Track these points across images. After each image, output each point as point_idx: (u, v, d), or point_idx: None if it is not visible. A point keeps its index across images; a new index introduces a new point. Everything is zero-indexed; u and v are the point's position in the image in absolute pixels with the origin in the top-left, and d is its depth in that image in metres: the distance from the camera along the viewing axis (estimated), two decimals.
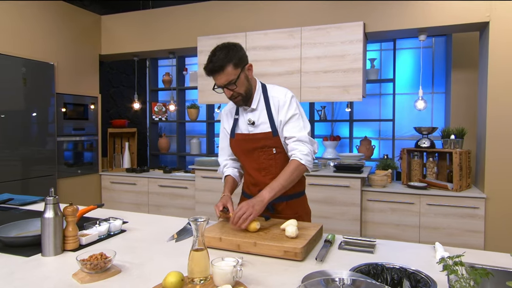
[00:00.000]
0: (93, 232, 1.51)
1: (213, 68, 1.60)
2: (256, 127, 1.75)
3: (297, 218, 1.76)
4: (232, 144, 1.83)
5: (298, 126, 1.71)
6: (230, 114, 1.87)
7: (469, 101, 3.81)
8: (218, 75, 1.61)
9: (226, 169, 1.89)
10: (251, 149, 1.76)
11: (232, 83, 1.62)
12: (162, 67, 5.60)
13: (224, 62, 1.58)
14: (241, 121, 1.80)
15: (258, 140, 1.74)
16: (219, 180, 3.82)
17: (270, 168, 1.76)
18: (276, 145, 1.74)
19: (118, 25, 4.49)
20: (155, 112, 5.21)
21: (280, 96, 1.73)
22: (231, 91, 1.65)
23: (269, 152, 1.74)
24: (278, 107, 1.72)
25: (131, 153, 4.77)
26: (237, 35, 3.80)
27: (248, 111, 1.77)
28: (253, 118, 1.75)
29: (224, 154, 1.93)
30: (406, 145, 4.24)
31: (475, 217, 3.04)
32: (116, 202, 4.35)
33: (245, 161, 1.81)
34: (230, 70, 1.60)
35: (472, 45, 3.78)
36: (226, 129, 1.87)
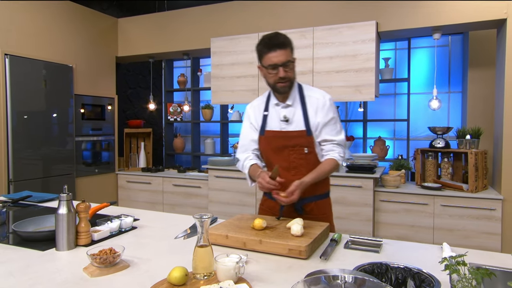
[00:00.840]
0: (104, 228, 1.56)
1: (279, 42, 1.59)
2: (289, 125, 1.73)
3: (325, 218, 1.78)
4: (262, 141, 1.79)
5: (336, 129, 1.73)
6: (258, 110, 1.82)
7: (486, 100, 3.73)
8: (280, 51, 1.59)
9: (250, 160, 1.82)
10: (281, 147, 1.73)
11: (291, 62, 1.63)
12: (177, 68, 5.69)
13: (287, 42, 1.62)
14: (272, 117, 1.77)
15: (291, 138, 1.71)
16: (232, 180, 3.86)
17: (300, 167, 1.72)
18: (308, 144, 1.71)
19: (134, 28, 4.59)
20: (171, 112, 5.29)
21: (319, 96, 1.74)
22: (285, 72, 1.63)
23: (300, 151, 1.71)
24: (316, 108, 1.71)
25: (147, 153, 4.87)
26: (249, 36, 3.83)
27: (283, 106, 1.74)
28: (288, 115, 1.73)
29: (245, 150, 1.86)
30: (421, 145, 4.18)
31: (492, 218, 2.97)
32: (132, 201, 4.45)
33: (274, 158, 1.76)
34: (289, 53, 1.63)
35: (489, 43, 3.69)
36: (253, 124, 1.83)
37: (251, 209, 3.79)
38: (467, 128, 3.28)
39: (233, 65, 3.94)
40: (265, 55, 1.63)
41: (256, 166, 1.78)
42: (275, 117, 1.77)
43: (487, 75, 3.73)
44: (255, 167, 1.78)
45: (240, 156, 1.87)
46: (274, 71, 1.63)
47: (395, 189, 3.30)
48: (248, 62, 3.86)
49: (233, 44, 3.92)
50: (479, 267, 1.15)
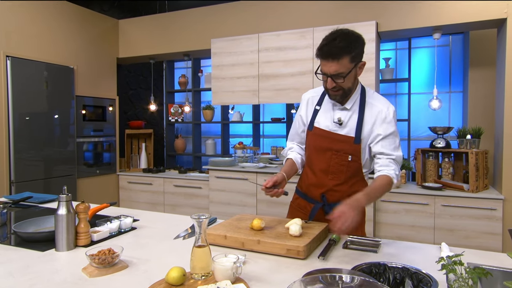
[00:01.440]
0: (104, 229, 1.57)
1: (330, 52, 1.45)
2: (341, 128, 1.63)
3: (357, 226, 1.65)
4: (308, 137, 1.72)
5: (395, 144, 1.60)
6: (312, 102, 1.74)
7: (487, 100, 3.72)
8: (331, 62, 1.47)
9: (291, 152, 1.79)
10: (325, 148, 1.65)
11: (341, 76, 1.49)
12: (178, 69, 5.70)
13: (344, 52, 1.44)
14: (324, 115, 1.67)
15: (337, 142, 1.62)
16: (233, 180, 3.87)
17: (339, 174, 1.63)
18: (353, 152, 1.61)
19: (135, 29, 4.61)
20: (171, 113, 5.31)
21: (383, 107, 1.60)
22: (334, 83, 1.51)
23: (343, 158, 1.62)
24: (376, 118, 1.59)
25: (148, 153, 4.88)
26: (250, 37, 3.83)
27: (339, 108, 1.64)
28: (343, 118, 1.62)
29: (292, 139, 1.83)
30: (422, 145, 4.17)
31: (493, 218, 2.96)
32: (133, 202, 4.46)
33: (315, 158, 1.69)
34: (346, 62, 1.46)
35: (489, 42, 3.69)
36: (303, 116, 1.76)
37: (251, 209, 3.80)
38: (468, 128, 3.28)
39: (233, 66, 3.94)
40: (319, 59, 1.53)
41: (290, 161, 1.76)
42: (328, 116, 1.66)
43: (487, 74, 3.72)
44: (288, 163, 1.76)
45: (288, 143, 1.87)
46: (325, 78, 1.54)
47: (395, 189, 3.30)
48: (249, 63, 3.86)
49: (233, 45, 3.93)
50: (476, 266, 1.15)
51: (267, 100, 3.80)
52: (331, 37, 1.47)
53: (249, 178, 3.72)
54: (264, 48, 3.77)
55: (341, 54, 1.44)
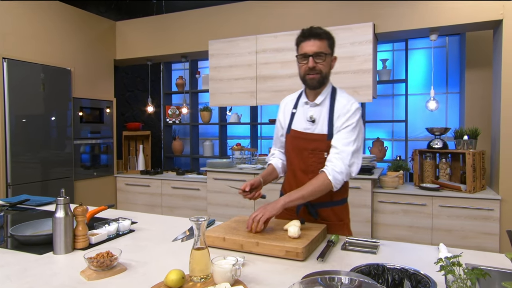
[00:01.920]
0: (102, 231, 1.56)
1: (312, 33, 1.58)
2: (314, 126, 1.69)
3: (343, 226, 1.76)
4: (287, 140, 1.79)
5: (348, 139, 1.60)
6: (289, 107, 1.81)
7: (483, 100, 3.74)
8: (313, 41, 1.58)
9: (272, 158, 1.86)
10: (302, 149, 1.71)
11: (322, 55, 1.59)
12: (176, 70, 5.70)
13: (323, 34, 1.60)
14: (299, 116, 1.74)
15: (312, 141, 1.68)
16: (230, 182, 3.86)
17: (318, 172, 1.65)
18: (328, 149, 1.65)
19: (132, 31, 4.60)
20: (169, 115, 5.30)
21: (346, 102, 1.66)
22: (315, 64, 1.59)
23: (319, 156, 1.67)
24: (339, 113, 1.64)
25: (145, 155, 4.87)
26: (247, 38, 3.84)
27: (311, 105, 1.71)
28: (314, 115, 1.69)
29: (274, 144, 1.92)
30: (419, 146, 4.19)
31: (490, 219, 2.98)
32: (131, 204, 4.45)
33: (294, 159, 1.75)
34: (324, 45, 1.59)
35: (486, 43, 3.71)
36: (281, 121, 1.83)
37: (249, 211, 3.79)
38: (465, 129, 3.29)
39: (231, 68, 3.95)
40: (299, 45, 1.63)
41: (270, 167, 1.85)
42: (302, 117, 1.73)
43: (484, 75, 3.74)
44: (268, 168, 1.85)
45: (271, 150, 1.96)
46: (304, 61, 1.61)
47: (393, 190, 3.31)
48: (247, 64, 3.87)
49: (231, 46, 3.93)
50: (474, 267, 1.16)
51: (265, 101, 3.80)
52: (309, 27, 1.63)
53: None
54: (262, 50, 3.77)
55: (322, 36, 1.59)
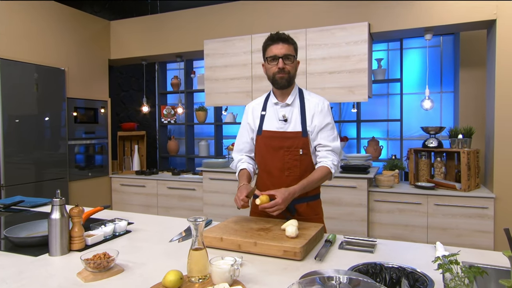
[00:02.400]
0: (98, 232, 1.55)
1: (279, 37, 1.70)
2: (287, 125, 1.76)
3: (318, 219, 1.81)
4: (258, 141, 1.83)
5: (332, 135, 1.76)
6: (257, 110, 1.87)
7: (477, 100, 3.77)
8: (282, 44, 1.69)
9: (241, 163, 1.88)
10: (277, 148, 1.76)
11: (291, 57, 1.70)
12: (171, 70, 5.68)
13: (290, 39, 1.73)
14: (270, 117, 1.80)
15: (287, 139, 1.75)
16: (227, 182, 3.86)
17: (294, 168, 1.75)
18: (304, 146, 1.74)
19: (126, 30, 4.58)
20: (164, 115, 5.28)
21: (318, 101, 1.78)
22: (285, 65, 1.70)
23: (295, 153, 1.74)
24: (314, 111, 1.75)
25: (141, 155, 4.85)
26: (243, 38, 3.83)
27: (282, 106, 1.78)
28: (287, 114, 1.77)
29: (240, 150, 1.92)
30: (414, 145, 4.21)
31: (484, 217, 3.00)
32: (126, 204, 4.43)
33: (269, 159, 1.79)
34: (292, 49, 1.72)
35: (480, 43, 3.74)
36: (250, 124, 1.87)
37: (245, 211, 3.77)
38: (459, 128, 3.32)
39: (226, 67, 3.94)
40: (268, 48, 1.73)
41: (244, 173, 1.83)
42: (273, 117, 1.80)
43: (478, 75, 3.77)
44: (243, 173, 1.84)
45: (235, 156, 1.94)
46: (274, 62, 1.71)
47: (389, 189, 3.32)
48: (242, 64, 3.86)
49: (226, 46, 3.92)
50: (471, 265, 1.16)
51: None
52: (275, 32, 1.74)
53: None
54: (257, 49, 3.77)
55: (289, 41, 1.72)
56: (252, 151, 1.91)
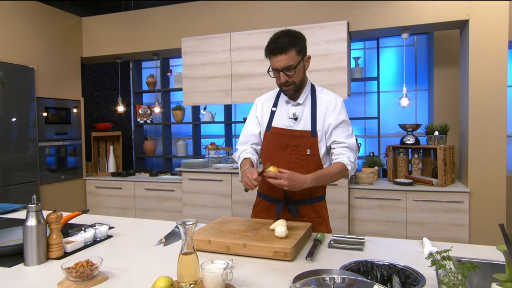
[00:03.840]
0: (78, 239, 1.47)
1: (276, 48, 1.56)
2: (297, 123, 1.70)
3: (322, 222, 1.76)
4: (266, 137, 1.77)
5: (347, 132, 1.69)
6: (267, 104, 1.80)
7: (451, 97, 3.89)
8: (279, 57, 1.56)
9: (245, 153, 1.79)
10: (284, 146, 1.70)
11: (292, 68, 1.58)
12: (146, 69, 5.53)
13: (289, 45, 1.55)
14: (280, 114, 1.74)
15: (295, 138, 1.69)
16: (207, 182, 3.80)
17: (300, 168, 1.67)
18: (312, 146, 1.67)
19: (99, 27, 4.41)
20: (140, 114, 5.14)
21: (331, 98, 1.70)
22: (287, 77, 1.60)
23: (302, 152, 1.68)
24: (327, 109, 1.68)
25: (116, 156, 4.70)
26: (221, 36, 3.78)
27: (293, 104, 1.71)
28: (297, 113, 1.70)
29: (246, 142, 1.84)
30: (391, 142, 4.29)
31: (460, 211, 3.10)
32: (102, 207, 4.28)
33: (275, 156, 1.72)
34: (293, 55, 1.56)
35: (453, 42, 3.86)
36: (258, 118, 1.81)
37: (227, 211, 3.75)
38: (435, 125, 3.40)
39: (205, 66, 3.87)
40: (269, 58, 1.63)
41: (247, 161, 1.75)
42: (284, 114, 1.73)
43: (452, 73, 3.89)
44: (246, 161, 1.75)
45: (239, 147, 1.86)
46: (277, 74, 1.63)
47: (369, 186, 3.37)
48: (221, 62, 3.81)
49: (204, 44, 3.85)
50: (459, 259, 1.18)
51: (241, 99, 3.76)
52: (275, 36, 1.59)
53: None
54: (237, 47, 3.73)
55: (287, 48, 1.55)
56: (258, 145, 1.83)
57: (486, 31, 3.04)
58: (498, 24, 3.00)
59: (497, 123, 3.03)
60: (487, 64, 3.04)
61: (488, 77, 3.03)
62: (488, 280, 1.26)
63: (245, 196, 3.68)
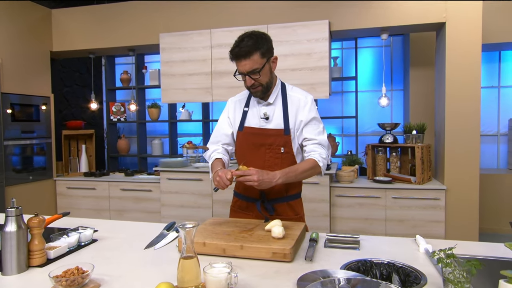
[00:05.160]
0: (61, 244, 1.37)
1: (240, 53, 1.55)
2: (269, 123, 1.70)
3: (299, 219, 1.75)
4: (239, 138, 1.76)
5: (318, 129, 1.70)
6: (239, 105, 1.79)
7: (426, 97, 4.01)
8: (244, 61, 1.55)
9: (217, 153, 1.78)
10: (258, 145, 1.70)
11: (256, 72, 1.57)
12: (119, 65, 5.33)
13: (252, 48, 1.54)
14: (252, 114, 1.74)
15: (268, 137, 1.69)
16: (186, 182, 3.71)
17: (275, 167, 1.67)
18: (285, 144, 1.68)
19: (71, 20, 4.20)
20: (113, 112, 4.95)
21: (301, 96, 1.71)
22: (253, 80, 1.59)
23: (276, 151, 1.68)
24: (298, 107, 1.69)
25: (89, 156, 4.50)
26: (201, 32, 3.70)
27: (264, 104, 1.71)
28: (268, 112, 1.70)
29: (217, 142, 1.83)
30: (367, 141, 4.37)
31: (437, 208, 3.19)
32: (74, 209, 4.08)
33: (249, 156, 1.72)
34: (257, 58, 1.55)
35: (428, 44, 3.98)
36: (231, 118, 1.80)
37: (207, 211, 3.67)
38: (413, 124, 3.49)
39: (184, 62, 3.77)
40: (234, 62, 1.61)
41: (219, 161, 1.74)
42: (256, 114, 1.73)
43: (427, 74, 4.02)
44: (218, 162, 1.74)
45: (210, 146, 1.85)
46: (243, 78, 1.62)
47: (349, 184, 3.41)
48: (201, 59, 3.72)
49: (183, 40, 3.75)
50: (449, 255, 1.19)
51: (221, 97, 3.70)
52: (239, 39, 1.58)
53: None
54: (217, 44, 3.66)
55: (251, 52, 1.54)
56: (229, 145, 1.83)
57: (461, 34, 3.15)
58: (472, 27, 3.12)
59: (471, 122, 3.15)
60: (462, 66, 3.15)
61: (464, 78, 3.15)
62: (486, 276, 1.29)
63: (225, 196, 3.62)
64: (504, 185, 4.08)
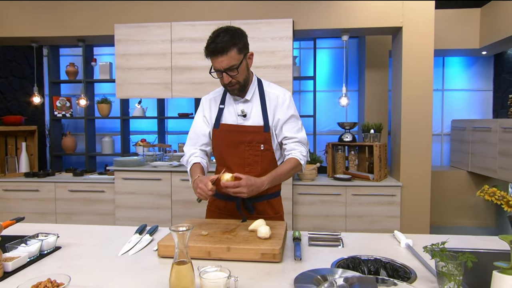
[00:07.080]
0: (21, 253, 1.20)
1: (216, 49, 1.48)
2: (246, 120, 1.65)
3: (279, 218, 1.72)
4: (216, 135, 1.69)
5: (297, 126, 1.68)
6: (214, 102, 1.72)
7: (380, 98, 4.20)
8: (220, 58, 1.49)
9: (195, 157, 1.70)
10: (237, 142, 1.64)
11: (234, 68, 1.52)
12: (64, 56, 4.92)
13: (229, 44, 1.48)
14: (228, 111, 1.68)
15: (248, 134, 1.63)
16: (144, 182, 3.52)
17: (255, 164, 1.64)
18: (265, 141, 1.64)
19: (9, 4, 3.78)
20: (57, 107, 4.55)
21: (279, 93, 1.67)
22: (230, 77, 1.53)
23: (256, 148, 1.64)
24: (276, 104, 1.65)
25: (30, 154, 4.10)
26: (161, 25, 3.52)
27: (241, 101, 1.66)
28: (246, 110, 1.65)
29: (193, 144, 1.74)
30: (325, 140, 4.48)
31: (393, 203, 3.35)
32: (13, 213, 3.67)
33: (228, 155, 1.66)
34: (234, 55, 1.50)
35: (382, 47, 4.17)
36: (206, 117, 1.73)
37: (166, 212, 3.51)
38: (371, 123, 3.63)
39: (141, 56, 3.57)
40: (210, 59, 1.55)
41: (197, 166, 1.65)
42: (232, 111, 1.68)
43: (381, 76, 4.20)
44: (196, 166, 1.65)
45: (187, 149, 1.75)
46: (220, 75, 1.56)
47: (311, 182, 3.46)
48: (161, 53, 3.54)
49: (141, 32, 3.54)
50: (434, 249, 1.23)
51: (182, 94, 3.55)
52: (214, 35, 1.52)
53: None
54: (178, 38, 3.51)
55: (228, 48, 1.49)
56: (207, 145, 1.75)
57: (416, 39, 3.33)
58: (426, 33, 3.31)
59: (424, 122, 3.35)
60: (417, 69, 3.33)
61: (418, 81, 3.33)
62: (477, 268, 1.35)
63: (185, 196, 3.49)
64: (448, 181, 4.41)
